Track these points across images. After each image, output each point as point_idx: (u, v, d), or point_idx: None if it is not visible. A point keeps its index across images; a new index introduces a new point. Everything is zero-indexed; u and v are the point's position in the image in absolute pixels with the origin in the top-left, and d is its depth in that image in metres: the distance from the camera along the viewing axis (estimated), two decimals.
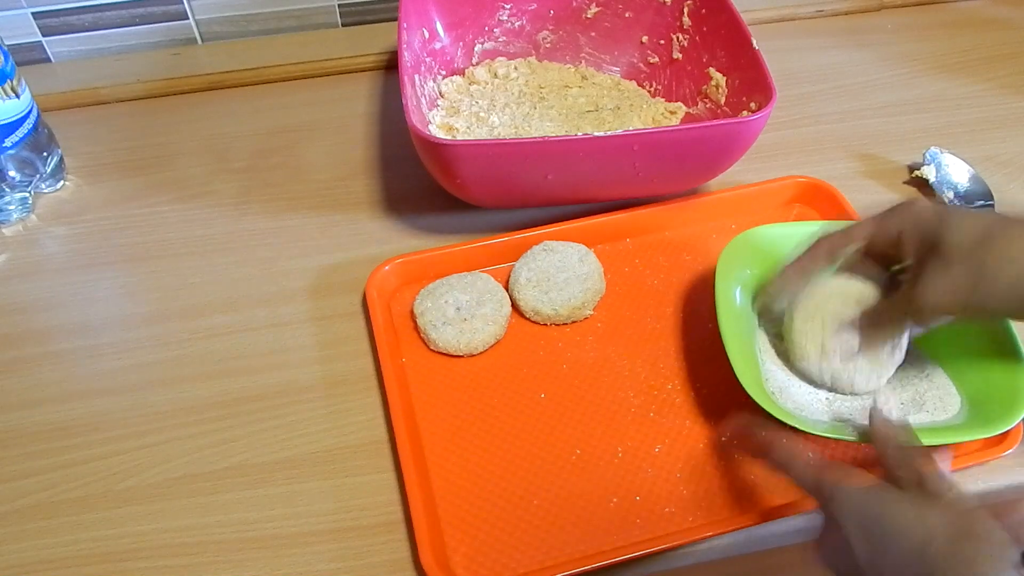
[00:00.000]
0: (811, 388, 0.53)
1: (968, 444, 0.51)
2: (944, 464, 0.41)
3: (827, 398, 0.52)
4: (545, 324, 0.59)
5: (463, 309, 0.57)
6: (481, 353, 0.57)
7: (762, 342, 0.55)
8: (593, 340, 0.58)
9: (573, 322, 0.59)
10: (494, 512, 0.49)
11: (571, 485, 0.50)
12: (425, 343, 0.58)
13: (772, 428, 0.47)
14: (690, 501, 0.49)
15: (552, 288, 0.59)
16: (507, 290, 0.60)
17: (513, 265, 0.61)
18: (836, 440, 0.51)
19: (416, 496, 0.48)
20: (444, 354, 0.57)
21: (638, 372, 0.56)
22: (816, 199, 0.66)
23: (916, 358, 0.54)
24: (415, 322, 0.58)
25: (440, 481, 0.50)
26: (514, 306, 0.60)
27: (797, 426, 0.48)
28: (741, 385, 0.49)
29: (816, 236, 0.51)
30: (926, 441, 0.49)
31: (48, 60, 0.83)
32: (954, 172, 0.68)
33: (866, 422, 0.49)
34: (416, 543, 0.46)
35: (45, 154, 0.68)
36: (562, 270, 0.60)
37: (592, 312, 0.60)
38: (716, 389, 0.55)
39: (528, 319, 0.59)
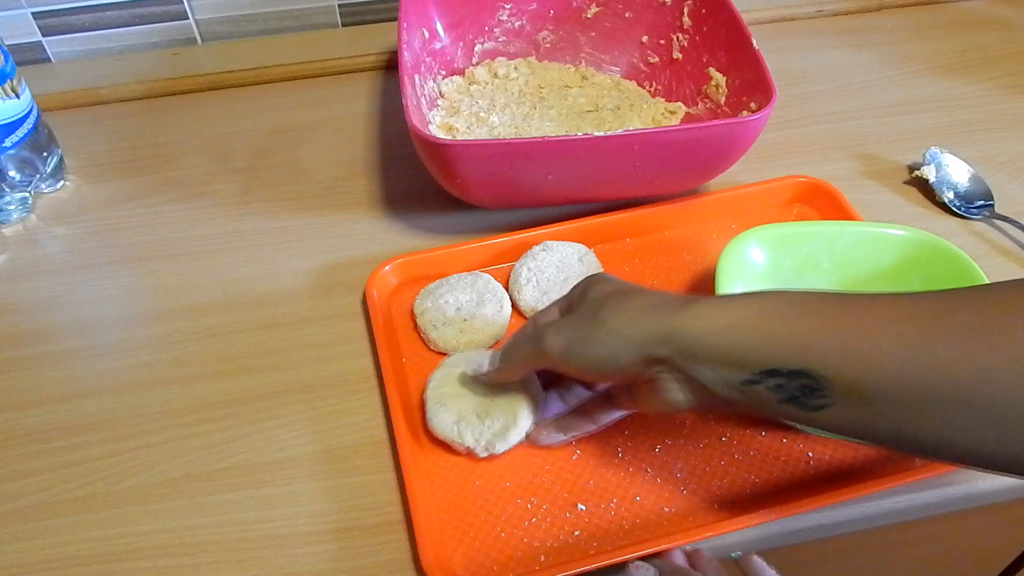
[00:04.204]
0: None
1: None
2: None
3: None
4: None
5: (463, 309, 0.57)
6: (472, 352, 0.57)
7: None
8: None
9: None
10: (494, 512, 0.49)
11: (571, 485, 0.50)
12: (425, 343, 0.58)
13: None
14: (690, 501, 0.49)
15: (552, 288, 0.59)
16: (507, 290, 0.60)
17: (513, 265, 0.61)
18: (835, 440, 0.51)
19: (416, 496, 0.48)
20: (444, 354, 0.57)
21: None
22: (816, 199, 0.66)
23: None
24: (415, 322, 0.58)
25: (440, 481, 0.50)
26: (514, 306, 0.59)
27: (795, 425, 0.48)
28: None
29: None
30: None
31: (48, 60, 0.83)
32: (954, 172, 0.68)
33: None
34: (416, 543, 0.46)
35: (45, 154, 0.68)
36: (562, 270, 0.60)
37: None
38: None
39: (528, 319, 0.59)
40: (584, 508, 0.49)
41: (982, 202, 0.67)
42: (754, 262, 0.57)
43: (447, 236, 0.65)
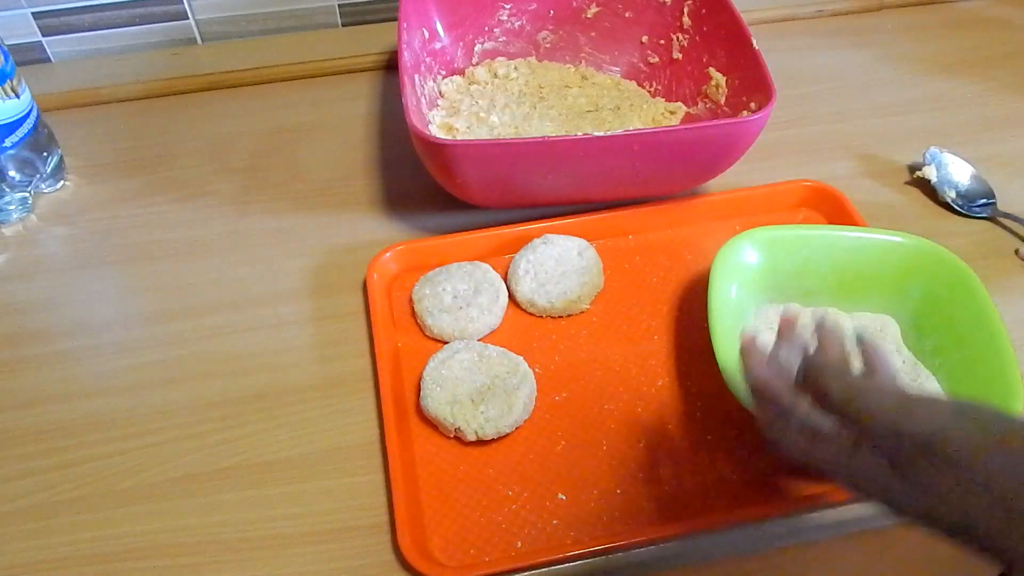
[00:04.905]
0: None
1: None
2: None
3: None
4: (541, 316, 0.59)
5: (460, 297, 0.58)
6: (476, 341, 0.57)
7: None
8: (587, 334, 0.58)
9: (569, 315, 0.59)
10: (475, 496, 0.50)
11: (553, 475, 0.51)
12: (421, 329, 0.58)
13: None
14: (670, 497, 0.50)
15: (549, 281, 0.59)
16: (506, 281, 0.60)
17: (513, 257, 0.61)
18: None
19: (398, 476, 0.49)
20: (439, 341, 0.57)
21: (629, 368, 0.56)
22: (823, 203, 0.66)
23: (909, 366, 0.54)
24: (413, 308, 0.59)
25: (424, 464, 0.51)
26: (511, 297, 0.60)
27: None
28: (727, 386, 0.49)
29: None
30: None
31: (48, 60, 0.83)
32: (955, 171, 0.68)
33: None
34: (395, 523, 0.47)
35: (45, 154, 0.68)
36: (561, 263, 0.60)
37: (588, 306, 0.60)
38: (704, 389, 0.55)
39: (524, 310, 0.60)
40: (564, 498, 0.49)
41: (984, 200, 0.67)
42: (749, 264, 0.57)
43: (447, 236, 0.65)
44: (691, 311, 0.60)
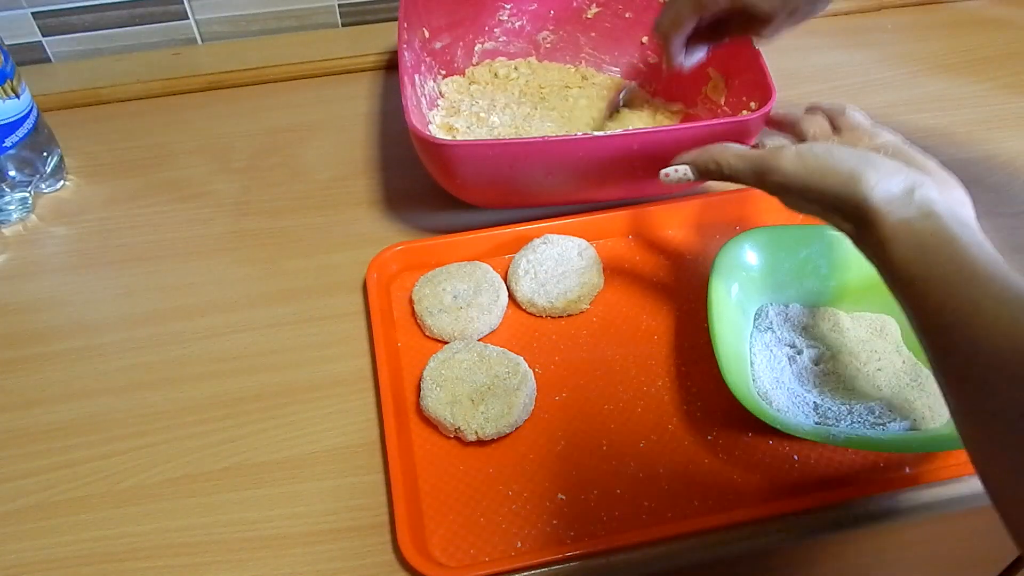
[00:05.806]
0: (799, 392, 0.53)
1: (961, 453, 0.51)
2: None
3: (815, 402, 0.52)
4: (541, 316, 0.59)
5: (460, 297, 0.58)
6: (476, 341, 0.57)
7: (755, 344, 0.55)
8: (587, 334, 0.58)
9: (569, 315, 0.59)
10: (475, 497, 0.50)
11: (553, 475, 0.51)
12: (421, 330, 0.58)
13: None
14: (670, 497, 0.49)
15: (549, 281, 0.59)
16: (506, 281, 0.60)
17: (513, 257, 0.61)
18: (821, 443, 0.51)
19: (398, 475, 0.48)
20: (439, 341, 0.57)
21: (629, 368, 0.56)
22: None
23: (910, 366, 0.54)
24: (413, 308, 0.59)
25: (424, 463, 0.51)
26: (511, 297, 0.60)
27: (782, 429, 0.48)
28: (727, 385, 0.49)
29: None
30: (915, 449, 0.49)
31: (48, 60, 0.83)
32: None
33: (851, 430, 0.50)
34: (395, 522, 0.47)
35: (45, 154, 0.68)
36: (560, 263, 0.60)
37: (588, 306, 0.60)
38: (704, 389, 0.55)
39: (524, 310, 0.60)
40: (564, 498, 0.49)
41: None
42: (749, 264, 0.57)
43: (447, 236, 0.65)
44: (691, 311, 0.60)
